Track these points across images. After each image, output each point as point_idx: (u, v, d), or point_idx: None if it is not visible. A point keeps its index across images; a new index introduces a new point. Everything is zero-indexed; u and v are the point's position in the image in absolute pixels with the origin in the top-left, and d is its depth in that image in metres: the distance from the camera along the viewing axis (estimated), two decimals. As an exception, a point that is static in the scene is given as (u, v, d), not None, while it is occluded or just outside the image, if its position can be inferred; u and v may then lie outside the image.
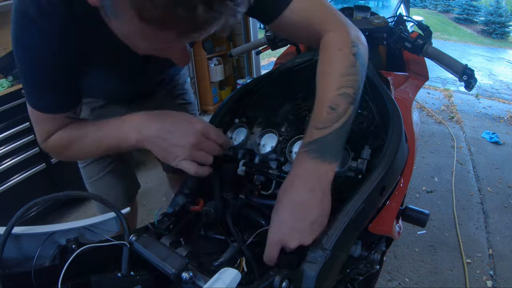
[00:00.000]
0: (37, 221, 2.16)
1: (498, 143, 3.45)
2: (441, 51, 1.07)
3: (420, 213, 1.04)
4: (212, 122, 0.99)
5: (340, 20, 0.79)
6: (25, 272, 0.54)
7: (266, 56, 8.03)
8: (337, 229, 0.62)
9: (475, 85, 1.01)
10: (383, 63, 1.25)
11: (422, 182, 2.69)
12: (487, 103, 4.93)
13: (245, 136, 0.96)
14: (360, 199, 0.67)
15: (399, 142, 0.76)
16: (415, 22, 1.23)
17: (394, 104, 0.86)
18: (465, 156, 3.16)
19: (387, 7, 6.02)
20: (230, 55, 1.51)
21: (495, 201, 2.48)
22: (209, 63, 4.08)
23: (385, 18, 1.07)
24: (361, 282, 0.96)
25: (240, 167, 0.89)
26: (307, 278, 0.57)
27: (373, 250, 0.88)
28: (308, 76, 1.19)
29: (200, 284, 0.53)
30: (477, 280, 1.79)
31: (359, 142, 0.88)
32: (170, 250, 0.57)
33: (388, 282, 1.76)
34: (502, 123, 4.10)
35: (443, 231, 2.14)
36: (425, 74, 1.29)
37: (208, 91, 4.17)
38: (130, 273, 0.56)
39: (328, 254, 0.59)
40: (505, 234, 2.13)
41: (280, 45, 1.31)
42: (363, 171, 0.79)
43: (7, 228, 0.54)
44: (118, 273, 0.55)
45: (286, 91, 1.15)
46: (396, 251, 1.96)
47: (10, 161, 2.00)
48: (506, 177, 2.79)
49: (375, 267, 0.89)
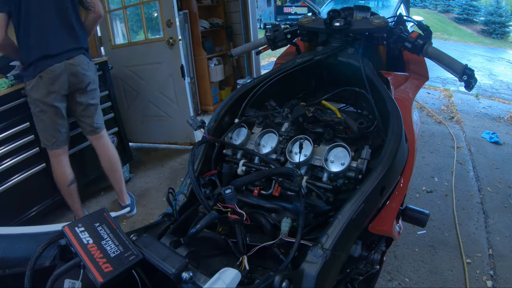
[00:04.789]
0: (37, 221, 2.15)
1: (498, 143, 3.45)
2: (441, 51, 1.07)
3: (420, 213, 1.04)
4: (212, 122, 0.99)
5: None
6: (24, 272, 0.54)
7: (266, 56, 8.03)
8: (337, 229, 0.62)
9: (475, 85, 1.01)
10: (383, 63, 1.25)
11: (422, 182, 2.69)
12: (487, 103, 4.93)
13: (245, 136, 0.96)
14: (360, 199, 0.67)
15: (399, 142, 0.76)
16: (415, 22, 1.23)
17: (394, 104, 0.86)
18: (465, 156, 3.16)
19: (387, 7, 6.04)
20: (230, 55, 1.51)
21: (495, 201, 2.48)
22: (209, 63, 4.08)
23: (385, 18, 1.07)
24: (361, 282, 0.96)
25: (240, 167, 0.89)
26: (307, 278, 0.57)
27: (373, 250, 0.88)
28: (308, 76, 1.20)
29: (200, 284, 0.53)
30: (477, 280, 1.78)
31: (359, 142, 0.88)
32: (170, 250, 0.57)
33: (388, 282, 1.76)
34: (502, 123, 4.10)
35: (443, 231, 2.14)
36: (425, 74, 1.29)
37: (208, 91, 4.17)
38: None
39: (328, 254, 0.59)
40: (505, 234, 2.13)
41: (280, 45, 1.31)
42: (363, 171, 0.79)
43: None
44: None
45: (286, 91, 1.15)
46: (396, 251, 1.96)
47: (10, 161, 2.00)
48: (506, 177, 2.79)
49: (375, 267, 0.89)
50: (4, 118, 1.95)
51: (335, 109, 1.03)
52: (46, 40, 1.81)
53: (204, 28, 3.98)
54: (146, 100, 3.12)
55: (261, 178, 0.80)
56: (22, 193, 2.06)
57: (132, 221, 2.32)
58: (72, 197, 2.10)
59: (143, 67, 2.99)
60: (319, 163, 0.85)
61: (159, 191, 2.66)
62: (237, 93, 1.06)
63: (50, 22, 1.81)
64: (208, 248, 0.73)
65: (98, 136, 2.15)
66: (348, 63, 1.05)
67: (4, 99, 1.94)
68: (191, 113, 3.02)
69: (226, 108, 1.01)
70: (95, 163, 2.37)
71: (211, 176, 0.87)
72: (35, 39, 1.79)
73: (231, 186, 0.72)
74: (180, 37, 2.79)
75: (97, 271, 0.51)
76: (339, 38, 1.09)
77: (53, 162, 2.02)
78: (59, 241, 0.61)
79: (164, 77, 2.95)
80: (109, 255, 0.54)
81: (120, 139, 2.72)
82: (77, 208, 2.16)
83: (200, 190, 0.77)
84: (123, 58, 2.98)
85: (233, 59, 4.25)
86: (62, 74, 1.85)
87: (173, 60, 2.85)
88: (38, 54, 1.79)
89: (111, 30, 3.01)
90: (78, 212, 2.17)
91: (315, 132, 0.93)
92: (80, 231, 0.56)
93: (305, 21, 1.18)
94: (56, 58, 1.83)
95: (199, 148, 0.90)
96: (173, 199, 0.81)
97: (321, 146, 0.89)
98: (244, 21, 4.08)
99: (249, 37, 4.11)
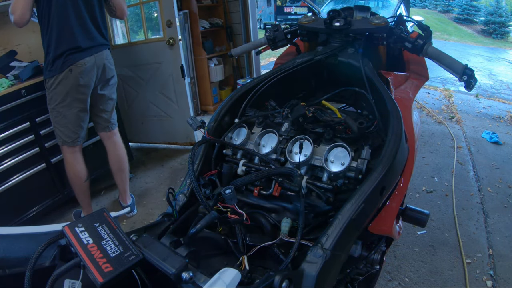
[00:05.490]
0: (37, 221, 2.16)
1: (498, 143, 3.45)
2: (441, 51, 1.06)
3: (420, 213, 1.04)
4: (212, 122, 0.99)
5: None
6: (24, 272, 0.54)
7: (266, 56, 8.03)
8: (337, 229, 0.62)
9: (475, 85, 1.01)
10: (383, 63, 1.25)
11: (422, 182, 2.69)
12: (487, 103, 4.93)
13: (245, 136, 0.96)
14: (360, 199, 0.67)
15: (399, 142, 0.76)
16: (415, 22, 1.23)
17: (394, 104, 0.86)
18: (465, 156, 3.16)
19: (387, 7, 6.03)
20: (230, 55, 1.51)
21: (495, 201, 2.48)
22: (209, 63, 4.08)
23: (385, 18, 1.07)
24: (361, 282, 0.96)
25: (240, 167, 0.89)
26: (307, 278, 0.57)
27: (373, 250, 0.88)
28: (308, 76, 1.20)
29: (200, 284, 0.53)
30: (477, 280, 1.78)
31: (359, 142, 0.88)
32: (170, 250, 0.57)
33: (388, 282, 1.76)
34: (502, 123, 4.10)
35: (443, 231, 2.14)
36: (425, 74, 1.29)
37: (208, 91, 4.17)
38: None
39: (328, 254, 0.59)
40: (505, 234, 2.13)
41: (280, 45, 1.31)
42: (363, 171, 0.79)
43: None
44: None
45: (286, 91, 1.15)
46: (396, 251, 1.96)
47: (10, 161, 2.00)
48: (506, 177, 2.79)
49: (375, 267, 0.89)
50: (4, 118, 1.95)
51: (335, 109, 1.03)
52: (75, 34, 1.81)
53: (204, 28, 3.98)
54: (146, 100, 3.12)
55: (261, 178, 0.80)
56: (22, 193, 2.06)
57: (132, 221, 2.32)
58: (85, 193, 2.12)
59: (143, 67, 3.00)
60: (319, 163, 0.85)
61: (159, 191, 2.66)
62: (237, 93, 1.06)
63: (79, 17, 1.82)
64: (208, 248, 0.73)
65: (111, 133, 2.17)
66: (348, 63, 1.05)
67: (4, 99, 1.94)
68: (191, 113, 3.02)
69: (226, 108, 1.01)
70: (95, 163, 2.37)
71: (211, 176, 0.87)
72: (65, 32, 1.78)
73: (231, 186, 0.72)
74: (180, 37, 2.79)
75: (97, 271, 0.51)
76: (339, 38, 1.09)
77: (70, 158, 2.01)
78: (59, 241, 0.61)
79: (164, 77, 2.95)
80: (109, 255, 0.54)
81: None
82: (88, 204, 2.18)
83: (200, 190, 0.77)
84: (123, 58, 2.98)
85: (233, 59, 4.25)
86: (92, 68, 1.88)
87: (173, 60, 2.85)
88: (67, 47, 1.79)
89: (111, 30, 3.01)
90: (87, 208, 2.18)
91: (315, 132, 0.93)
92: (80, 231, 0.56)
93: (305, 21, 1.18)
94: (87, 52, 1.85)
95: (199, 148, 0.90)
96: (173, 199, 0.81)
97: (321, 146, 0.89)
98: (244, 21, 4.08)
99: (249, 37, 4.11)
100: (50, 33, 1.76)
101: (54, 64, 1.79)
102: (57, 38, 1.77)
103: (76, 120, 1.92)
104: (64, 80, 1.80)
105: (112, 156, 2.20)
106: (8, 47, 2.33)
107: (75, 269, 0.54)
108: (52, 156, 2.21)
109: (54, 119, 1.91)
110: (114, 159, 2.21)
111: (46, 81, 1.84)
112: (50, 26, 1.75)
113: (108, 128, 2.14)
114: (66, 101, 1.85)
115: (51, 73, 1.81)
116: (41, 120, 2.11)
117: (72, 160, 2.01)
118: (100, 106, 2.05)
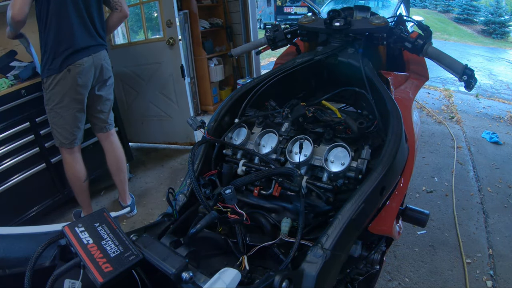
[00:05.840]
0: (37, 221, 2.15)
1: (498, 143, 3.45)
2: (441, 51, 1.06)
3: (420, 213, 1.04)
4: (212, 122, 0.99)
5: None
6: (24, 272, 0.54)
7: (266, 56, 8.03)
8: (337, 229, 0.62)
9: (475, 85, 1.01)
10: (383, 63, 1.25)
11: (422, 182, 2.69)
12: (487, 103, 4.93)
13: (245, 136, 0.96)
14: (360, 199, 0.67)
15: (399, 142, 0.76)
16: (415, 22, 1.23)
17: (394, 104, 0.86)
18: (465, 156, 3.16)
19: (387, 7, 6.03)
20: (230, 55, 1.51)
21: (495, 201, 2.48)
22: (209, 63, 4.08)
23: (385, 18, 1.07)
24: (361, 282, 0.96)
25: (240, 167, 0.89)
26: (307, 278, 0.57)
27: (373, 250, 0.88)
28: (308, 76, 1.20)
29: (200, 284, 0.53)
30: (477, 280, 1.78)
31: (359, 142, 0.88)
32: (170, 250, 0.57)
33: (388, 282, 1.76)
34: (502, 123, 4.10)
35: (443, 231, 2.14)
36: (425, 74, 1.29)
37: (208, 91, 4.17)
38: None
39: (328, 254, 0.59)
40: (505, 234, 2.13)
41: (280, 45, 1.31)
42: (363, 171, 0.79)
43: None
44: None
45: (286, 91, 1.15)
46: (396, 251, 1.96)
47: (10, 161, 2.00)
48: (506, 177, 2.79)
49: (375, 267, 0.89)
50: (4, 118, 1.95)
51: (335, 109, 1.03)
52: (75, 33, 1.80)
53: (204, 28, 3.98)
54: (146, 100, 3.12)
55: (261, 178, 0.80)
56: (22, 193, 2.06)
57: (132, 221, 2.32)
58: (85, 193, 2.12)
59: (143, 67, 3.00)
60: (319, 163, 0.85)
61: (159, 191, 2.66)
62: (237, 93, 1.06)
63: (79, 16, 1.81)
64: (208, 248, 0.73)
65: (108, 134, 2.17)
66: (348, 63, 1.05)
67: (4, 99, 1.94)
68: (191, 113, 3.02)
69: (226, 108, 1.01)
70: (95, 163, 2.37)
71: (211, 176, 0.87)
72: (64, 31, 1.77)
73: (231, 186, 0.72)
74: (180, 37, 2.79)
75: (97, 271, 0.51)
76: (339, 38, 1.09)
77: (68, 159, 2.01)
78: (59, 241, 0.61)
79: (164, 77, 2.95)
80: (109, 255, 0.54)
81: (120, 139, 2.71)
82: (88, 204, 2.18)
83: (200, 190, 0.77)
84: (123, 58, 2.98)
85: (233, 59, 4.25)
86: (90, 68, 1.87)
87: (173, 60, 2.85)
88: (66, 47, 1.78)
89: (111, 30, 3.01)
90: (87, 208, 2.18)
91: (315, 132, 0.93)
92: (80, 231, 0.56)
93: (305, 21, 1.18)
94: (85, 52, 1.84)
95: (199, 148, 0.90)
96: (173, 199, 0.81)
97: (321, 146, 0.89)
98: (244, 21, 4.08)
99: (249, 37, 4.11)
100: (48, 31, 1.75)
101: (53, 63, 1.78)
102: (56, 37, 1.76)
103: (74, 120, 1.91)
104: (62, 80, 1.80)
105: (110, 156, 2.20)
106: (8, 47, 2.33)
107: (75, 269, 0.54)
108: (52, 156, 2.21)
109: (52, 120, 1.91)
110: (112, 159, 2.21)
111: (44, 81, 1.83)
112: (48, 24, 1.74)
113: (105, 128, 2.14)
114: (64, 102, 1.85)
115: (49, 72, 1.79)
116: (41, 120, 2.11)
117: (71, 161, 2.01)
118: (97, 107, 2.05)
